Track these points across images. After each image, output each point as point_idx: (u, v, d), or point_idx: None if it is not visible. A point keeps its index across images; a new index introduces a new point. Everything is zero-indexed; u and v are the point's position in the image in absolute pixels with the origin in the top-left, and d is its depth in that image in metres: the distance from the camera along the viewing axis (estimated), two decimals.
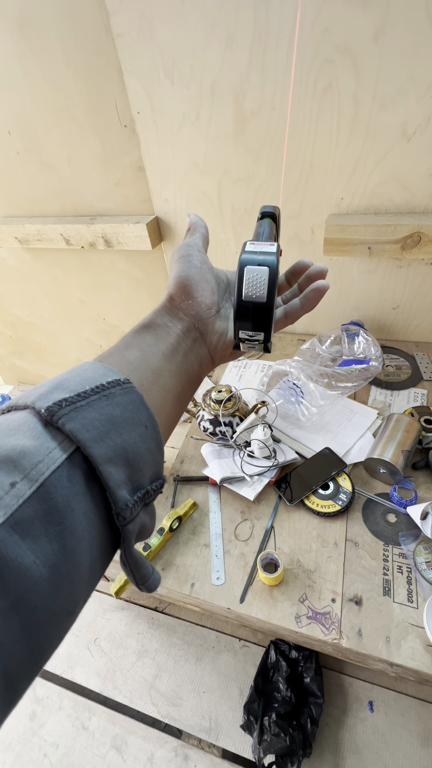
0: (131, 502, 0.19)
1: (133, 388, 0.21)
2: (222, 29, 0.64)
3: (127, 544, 0.20)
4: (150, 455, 0.21)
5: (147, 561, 0.22)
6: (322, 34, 0.60)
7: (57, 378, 0.21)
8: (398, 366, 0.88)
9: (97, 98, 0.80)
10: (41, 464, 0.17)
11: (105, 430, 0.19)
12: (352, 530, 0.62)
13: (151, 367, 0.26)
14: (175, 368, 0.27)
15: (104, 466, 0.18)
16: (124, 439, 0.20)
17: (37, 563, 0.15)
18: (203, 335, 0.29)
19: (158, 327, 0.28)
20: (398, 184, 0.71)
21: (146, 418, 0.21)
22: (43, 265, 1.17)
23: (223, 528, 0.65)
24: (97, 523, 0.18)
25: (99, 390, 0.20)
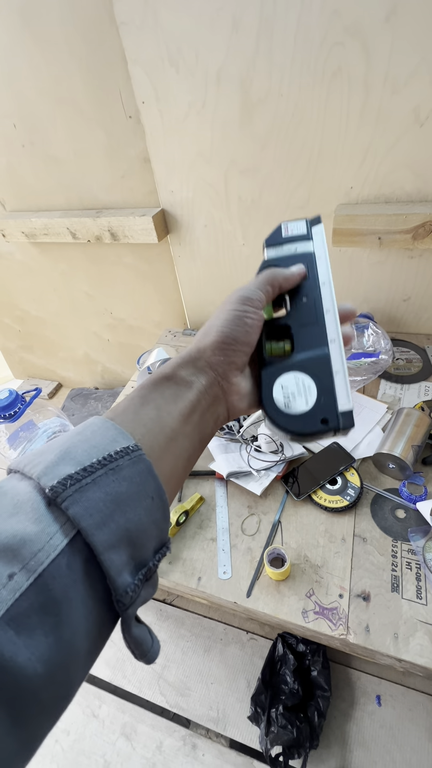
0: (132, 585, 0.19)
1: (142, 457, 0.21)
2: (228, 13, 0.62)
3: (126, 626, 0.20)
4: (155, 526, 0.21)
5: (147, 634, 0.21)
6: (331, 16, 0.58)
7: (66, 441, 0.21)
8: (409, 359, 0.87)
9: (101, 89, 0.79)
10: (41, 553, 0.17)
11: (109, 512, 0.19)
12: (360, 526, 0.62)
13: (166, 430, 0.24)
14: (190, 430, 0.26)
15: (106, 554, 0.18)
16: (128, 519, 0.19)
17: (32, 660, 0.15)
18: (225, 393, 0.28)
19: (180, 381, 0.26)
20: (410, 172, 0.69)
21: (153, 489, 0.21)
22: (50, 259, 1.17)
23: (230, 522, 0.65)
24: (95, 608, 0.18)
25: (107, 462, 0.20)
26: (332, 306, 0.29)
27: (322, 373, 0.28)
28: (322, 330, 0.29)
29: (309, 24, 0.60)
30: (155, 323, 1.22)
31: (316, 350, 0.28)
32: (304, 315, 0.30)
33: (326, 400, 0.27)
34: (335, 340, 0.28)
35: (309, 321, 0.29)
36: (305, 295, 0.30)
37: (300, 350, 0.29)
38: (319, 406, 0.27)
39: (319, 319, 0.29)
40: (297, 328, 0.29)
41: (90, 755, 0.86)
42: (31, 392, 0.55)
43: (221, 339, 0.27)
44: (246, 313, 0.28)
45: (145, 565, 0.20)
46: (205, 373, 0.27)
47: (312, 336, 0.29)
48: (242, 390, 0.28)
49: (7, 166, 0.99)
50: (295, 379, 0.28)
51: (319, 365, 0.28)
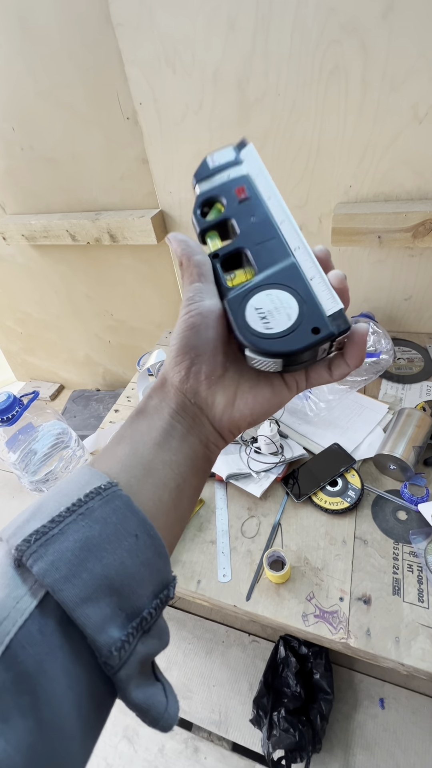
0: (120, 641, 0.16)
1: (116, 493, 0.19)
2: (223, 13, 0.62)
3: (123, 692, 0.17)
4: (146, 568, 0.18)
5: (159, 695, 0.18)
6: (327, 13, 0.58)
7: (41, 498, 0.19)
8: (410, 359, 0.86)
9: (99, 90, 0.79)
10: (6, 621, 0.15)
11: (79, 561, 0.17)
12: (361, 528, 0.61)
13: (142, 461, 0.22)
14: (169, 457, 0.23)
15: (79, 610, 0.16)
16: (105, 564, 0.17)
17: (8, 750, 0.13)
18: (203, 410, 0.24)
19: (150, 411, 0.24)
20: (409, 169, 0.68)
21: (135, 525, 0.18)
22: (51, 261, 1.18)
23: (229, 525, 0.65)
24: (82, 675, 0.16)
25: (75, 507, 0.18)
26: (286, 216, 0.27)
27: (297, 282, 0.24)
28: (282, 241, 0.26)
29: (305, 22, 0.59)
30: (156, 324, 1.22)
31: (283, 262, 0.25)
32: (257, 233, 0.26)
33: (310, 308, 0.23)
34: (300, 247, 0.25)
35: (264, 237, 0.26)
36: (252, 215, 0.27)
37: (263, 269, 0.25)
38: (304, 316, 0.23)
39: (275, 231, 0.26)
40: (253, 248, 0.26)
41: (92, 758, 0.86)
42: (29, 395, 0.55)
43: (175, 354, 0.24)
44: (188, 313, 0.24)
45: (138, 615, 0.17)
46: (173, 396, 0.24)
47: (273, 250, 0.26)
48: (221, 400, 0.24)
49: (6, 169, 0.99)
50: (268, 296, 0.24)
51: (290, 275, 0.24)
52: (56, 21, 0.72)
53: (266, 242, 0.26)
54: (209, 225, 0.28)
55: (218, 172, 0.29)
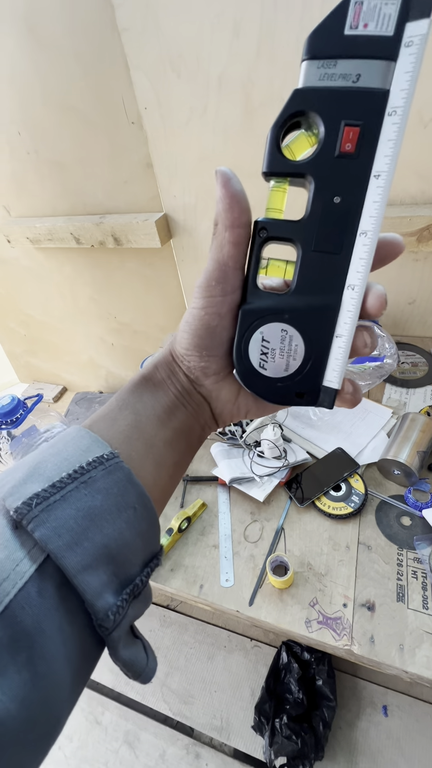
0: (115, 606, 0.17)
1: (119, 465, 0.19)
2: (228, 18, 0.62)
3: (112, 650, 0.18)
4: (141, 539, 0.19)
5: (141, 652, 0.20)
6: None
7: (36, 457, 0.19)
8: (414, 363, 0.85)
9: (104, 95, 0.79)
10: (6, 582, 0.16)
11: (81, 530, 0.17)
12: (365, 533, 0.60)
13: (144, 435, 0.22)
14: (170, 435, 0.23)
15: (80, 576, 0.17)
16: (105, 534, 0.18)
17: (4, 701, 0.14)
18: (206, 400, 0.25)
19: (157, 384, 0.24)
20: (414, 174, 0.68)
21: (135, 498, 0.19)
22: (55, 264, 1.18)
23: (232, 529, 0.65)
24: (74, 634, 0.17)
25: (78, 474, 0.18)
26: (374, 227, 0.18)
27: (320, 334, 0.20)
28: (344, 265, 0.19)
29: (311, 26, 0.59)
30: (159, 328, 1.22)
31: (327, 297, 0.20)
32: (328, 230, 0.19)
33: (311, 370, 0.21)
34: (356, 287, 0.19)
35: (331, 243, 0.19)
36: (340, 191, 0.19)
37: (302, 290, 0.20)
38: (299, 376, 0.21)
39: (349, 243, 0.19)
40: (309, 253, 0.19)
41: (93, 763, 0.85)
42: (33, 398, 0.55)
43: (186, 345, 0.23)
44: (205, 310, 0.22)
45: (131, 582, 0.19)
46: (180, 379, 0.24)
47: (328, 270, 0.19)
48: (225, 395, 0.24)
49: (12, 172, 1.00)
50: (282, 333, 0.20)
51: (321, 321, 0.20)
52: (63, 26, 0.72)
53: (329, 254, 0.19)
54: (283, 169, 0.20)
55: (351, 55, 0.17)
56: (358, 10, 0.16)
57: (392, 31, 0.16)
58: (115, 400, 0.24)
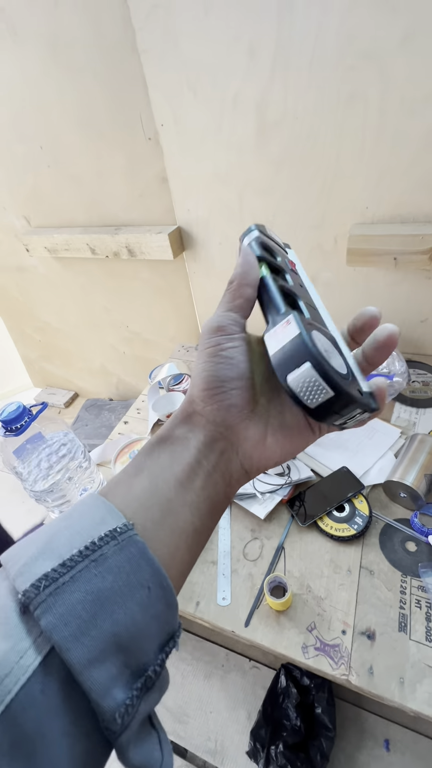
0: (124, 706, 0.15)
1: (133, 538, 0.18)
2: (245, 41, 0.64)
3: (122, 755, 0.16)
4: (156, 622, 0.17)
5: (155, 750, 0.17)
6: (346, 40, 0.59)
7: (52, 527, 0.18)
8: (425, 382, 0.84)
9: (122, 112, 0.81)
10: (8, 678, 0.14)
11: (89, 617, 0.15)
12: (368, 557, 0.59)
13: (161, 501, 0.21)
14: (192, 498, 0.21)
15: (86, 673, 0.15)
16: (116, 620, 0.16)
17: None
18: (233, 445, 0.23)
19: (175, 441, 0.23)
20: (428, 192, 0.68)
21: (149, 576, 0.17)
22: (71, 273, 1.21)
23: (232, 546, 0.64)
24: (79, 737, 0.15)
25: (89, 552, 0.16)
26: (322, 308, 0.27)
27: (338, 348, 0.23)
28: (323, 315, 0.26)
29: (324, 49, 0.60)
30: (170, 338, 1.23)
31: (326, 328, 0.25)
32: (305, 296, 0.26)
33: (351, 372, 0.23)
34: (336, 335, 0.25)
35: (310, 302, 0.26)
36: (300, 284, 0.27)
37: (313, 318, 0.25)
38: (350, 373, 0.22)
39: (317, 305, 0.26)
40: (303, 301, 0.25)
41: None
42: (38, 406, 0.56)
43: (206, 385, 0.22)
44: (219, 344, 0.23)
45: (144, 672, 0.16)
46: (202, 428, 0.23)
47: (318, 315, 0.25)
48: (254, 435, 0.23)
49: (33, 185, 1.04)
50: (323, 337, 0.22)
51: (332, 340, 0.23)
52: (85, 47, 0.75)
53: (312, 307, 0.25)
54: (268, 259, 0.25)
55: (272, 240, 0.28)
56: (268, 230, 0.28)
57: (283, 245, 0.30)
58: (132, 466, 0.22)
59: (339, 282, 0.84)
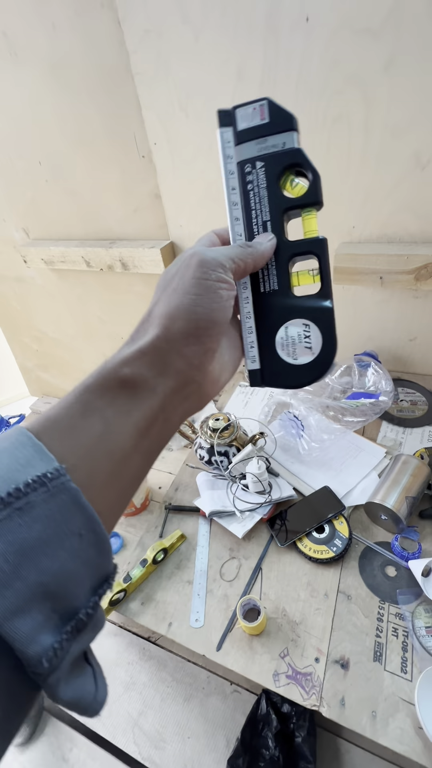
0: (52, 649, 0.15)
1: (66, 485, 0.16)
2: (233, 64, 0.65)
3: (51, 693, 0.16)
4: (87, 567, 0.17)
5: (89, 683, 0.17)
6: (331, 66, 0.60)
7: None
8: (413, 401, 0.83)
9: (117, 130, 0.83)
10: None
11: (12, 569, 0.15)
12: (346, 581, 0.57)
13: (114, 451, 0.19)
14: (147, 446, 0.20)
15: (7, 624, 0.14)
16: (42, 570, 0.15)
17: None
18: (200, 387, 0.22)
19: (138, 385, 0.20)
20: (412, 213, 0.68)
21: (82, 523, 0.16)
22: (68, 285, 1.22)
23: (209, 565, 0.62)
24: (3, 676, 0.15)
25: (12, 500, 0.15)
26: None
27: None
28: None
29: (309, 73, 0.61)
30: None
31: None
32: None
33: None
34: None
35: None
36: None
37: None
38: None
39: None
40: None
41: None
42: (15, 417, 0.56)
43: (195, 324, 0.21)
44: (219, 283, 0.22)
45: (74, 615, 0.16)
46: (175, 371, 0.21)
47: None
48: (219, 372, 0.24)
49: (32, 198, 1.06)
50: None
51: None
52: (83, 69, 0.78)
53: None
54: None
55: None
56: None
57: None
58: (77, 402, 0.19)
59: None
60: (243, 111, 0.26)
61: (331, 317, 0.26)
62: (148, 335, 0.21)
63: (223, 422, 0.71)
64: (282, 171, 0.26)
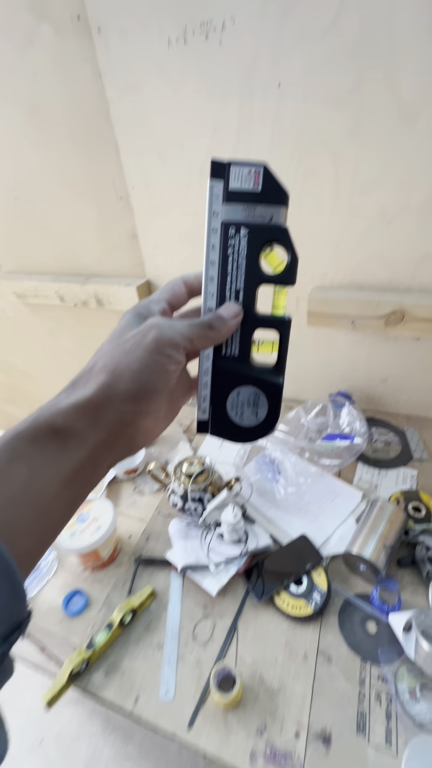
0: None
1: None
2: (209, 118, 0.68)
3: None
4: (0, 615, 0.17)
5: None
6: (301, 127, 0.63)
7: None
8: (387, 442, 0.83)
9: (96, 173, 0.84)
10: None
11: None
12: (326, 639, 0.54)
13: (38, 500, 0.19)
14: (72, 494, 0.21)
15: None
16: None
17: None
18: (131, 439, 0.23)
19: (69, 435, 0.21)
20: (380, 262, 0.71)
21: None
22: (40, 318, 1.19)
23: (180, 626, 0.58)
24: None
25: None
26: None
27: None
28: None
29: (282, 133, 0.65)
30: None
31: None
32: None
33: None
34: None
35: None
36: None
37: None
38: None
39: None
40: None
41: None
42: None
43: (137, 389, 0.22)
44: (170, 361, 0.23)
45: None
46: (108, 425, 0.22)
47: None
48: (153, 426, 0.25)
49: (6, 232, 1.04)
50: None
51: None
52: (62, 113, 0.79)
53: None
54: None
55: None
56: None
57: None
58: (4, 449, 0.19)
59: (302, 340, 0.85)
60: (238, 170, 0.26)
61: (279, 393, 0.29)
62: (87, 387, 0.22)
63: (198, 467, 0.69)
64: (263, 244, 0.27)
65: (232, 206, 0.26)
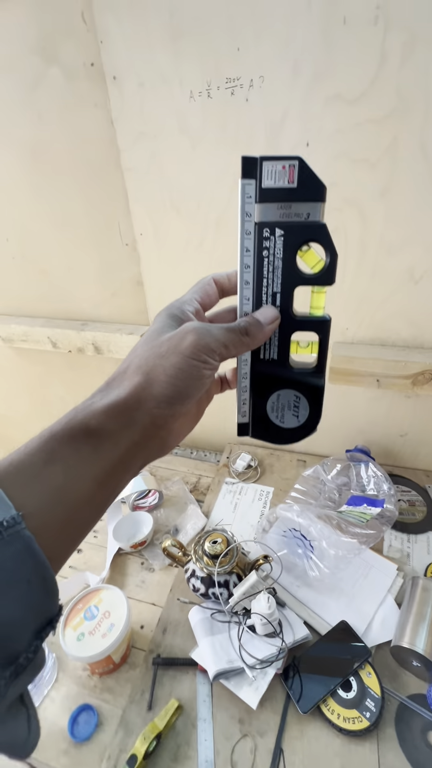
0: None
1: (20, 533, 0.16)
2: (231, 174, 0.65)
3: None
4: (32, 612, 0.17)
5: (19, 728, 0.17)
6: (330, 186, 0.60)
7: None
8: (411, 501, 0.79)
9: (100, 218, 0.79)
10: None
11: None
12: (386, 759, 0.47)
13: (71, 500, 0.19)
14: (104, 497, 0.21)
15: None
16: None
17: None
18: (163, 440, 0.25)
19: (102, 435, 0.21)
20: (406, 320, 0.69)
21: (32, 570, 0.17)
22: (27, 362, 1.10)
23: (215, 750, 0.49)
24: None
25: None
26: None
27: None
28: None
29: None
30: None
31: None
32: None
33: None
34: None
35: None
36: None
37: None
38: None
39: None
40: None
41: None
42: None
43: (171, 393, 0.22)
44: (206, 366, 0.23)
45: (14, 661, 0.16)
46: (141, 427, 0.22)
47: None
48: (181, 427, 0.26)
49: None
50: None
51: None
52: (66, 158, 0.74)
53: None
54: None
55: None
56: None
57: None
58: (41, 451, 0.19)
59: None
60: (271, 166, 0.23)
61: (321, 395, 0.28)
62: (121, 389, 0.22)
63: (223, 545, 0.61)
64: (301, 243, 0.25)
65: (266, 206, 0.24)
